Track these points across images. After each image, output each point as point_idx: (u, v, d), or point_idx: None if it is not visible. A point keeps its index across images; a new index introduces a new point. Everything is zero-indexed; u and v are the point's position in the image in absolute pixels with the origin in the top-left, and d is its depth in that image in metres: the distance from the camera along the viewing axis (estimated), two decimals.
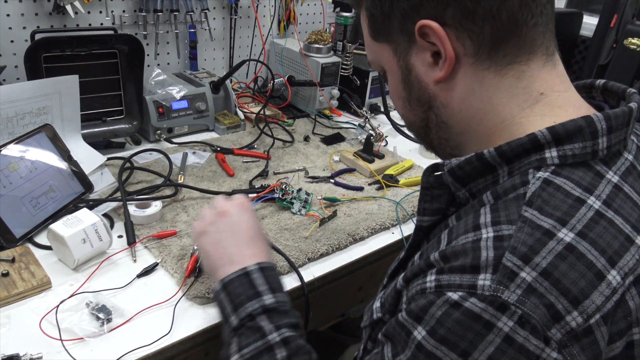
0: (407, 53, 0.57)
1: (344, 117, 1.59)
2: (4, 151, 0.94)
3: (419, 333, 0.48)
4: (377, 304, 0.59)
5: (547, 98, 0.55)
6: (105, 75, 1.22)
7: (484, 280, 0.46)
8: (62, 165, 1.02)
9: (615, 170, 0.53)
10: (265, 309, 0.66)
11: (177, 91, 1.33)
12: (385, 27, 0.58)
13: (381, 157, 1.31)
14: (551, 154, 0.52)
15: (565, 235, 0.47)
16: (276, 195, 1.06)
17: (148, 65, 1.47)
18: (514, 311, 0.45)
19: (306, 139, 1.41)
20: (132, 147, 1.27)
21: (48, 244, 0.89)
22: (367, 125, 1.36)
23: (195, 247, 0.80)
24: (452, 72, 0.55)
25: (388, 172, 1.26)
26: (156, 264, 0.88)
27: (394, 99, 0.63)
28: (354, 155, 1.29)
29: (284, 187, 1.07)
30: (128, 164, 1.14)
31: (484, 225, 0.49)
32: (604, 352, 0.47)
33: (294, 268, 0.91)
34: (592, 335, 0.46)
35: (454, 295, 0.46)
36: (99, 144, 1.24)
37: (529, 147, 0.52)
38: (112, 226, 0.97)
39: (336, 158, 1.32)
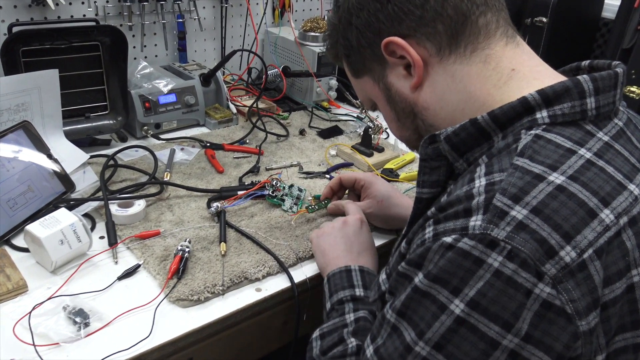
0: (384, 75, 0.67)
1: (343, 110, 1.59)
2: None
3: (417, 278, 0.52)
4: (382, 276, 0.63)
5: (520, 73, 0.60)
6: (88, 69, 1.23)
7: (475, 221, 0.50)
8: (42, 163, 1.03)
9: (605, 132, 0.56)
10: (354, 297, 0.77)
11: (165, 84, 1.33)
12: (361, 59, 0.68)
13: (380, 150, 1.31)
14: (542, 114, 0.55)
15: (556, 178, 0.51)
16: (266, 192, 1.06)
17: (135, 58, 1.48)
18: (503, 247, 0.48)
19: (302, 132, 1.41)
20: (118, 144, 1.28)
21: (26, 246, 0.90)
22: (366, 117, 1.35)
23: (310, 245, 0.92)
24: (425, 75, 0.63)
25: (388, 166, 1.26)
26: (138, 266, 0.88)
27: (389, 125, 0.73)
28: (351, 149, 1.30)
29: (275, 183, 1.07)
30: (112, 162, 1.15)
31: (477, 177, 0.54)
32: (600, 289, 0.49)
33: (283, 268, 0.91)
34: (586, 270, 0.48)
35: (448, 239, 0.50)
36: (83, 141, 1.25)
37: (520, 110, 0.56)
38: (93, 227, 0.98)
39: (333, 152, 1.33)
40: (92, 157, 1.18)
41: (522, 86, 0.59)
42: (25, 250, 0.90)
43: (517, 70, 0.60)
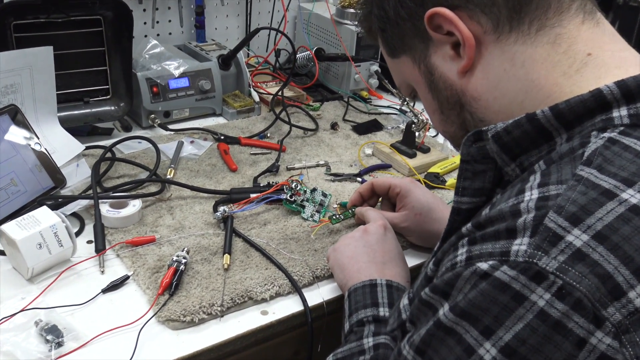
0: (426, 55, 0.64)
1: (386, 101, 1.56)
2: None
3: (442, 310, 0.50)
4: (404, 301, 0.62)
5: (598, 58, 0.56)
6: (88, 47, 1.23)
7: (520, 245, 0.47)
8: (28, 154, 1.03)
9: None
10: (377, 318, 0.75)
11: (176, 66, 1.33)
12: (399, 35, 0.65)
13: (425, 150, 1.27)
14: (620, 112, 0.52)
15: (631, 196, 0.47)
16: (284, 196, 1.04)
17: (145, 36, 1.48)
18: (552, 281, 0.45)
19: (333, 126, 1.39)
20: (121, 134, 1.28)
21: (1, 248, 0.90)
22: (410, 110, 1.31)
23: (328, 261, 0.90)
24: (477, 56, 0.60)
25: (433, 169, 1.23)
26: (127, 277, 0.87)
27: (431, 117, 0.70)
28: (390, 148, 1.26)
29: (294, 186, 1.05)
30: (109, 154, 1.15)
31: (529, 189, 0.51)
32: None
33: (296, 288, 0.89)
34: None
35: (484, 265, 0.48)
36: (81, 130, 1.26)
37: (592, 106, 0.53)
38: (81, 229, 0.98)
39: (368, 151, 1.30)
40: (87, 148, 1.18)
41: (599, 75, 0.56)
42: (1, 253, 0.90)
43: (595, 56, 0.57)
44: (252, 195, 1.05)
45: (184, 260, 0.88)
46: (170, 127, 1.31)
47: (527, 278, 0.45)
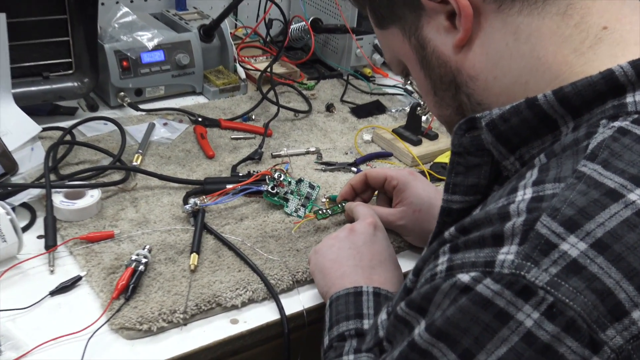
0: (417, 26, 0.63)
1: (392, 80, 1.55)
2: None
3: (418, 328, 0.50)
4: (382, 315, 0.61)
5: (615, 33, 0.55)
6: (47, 15, 1.21)
7: (506, 254, 0.46)
8: None
9: None
10: (360, 332, 0.73)
11: (150, 38, 1.31)
12: (387, 3, 0.64)
13: (433, 137, 1.26)
14: (634, 98, 0.51)
15: None
16: (265, 188, 1.02)
17: (117, 2, 1.46)
18: (542, 298, 0.43)
19: (329, 108, 1.38)
20: (86, 114, 1.28)
21: None
22: (414, 90, 1.29)
23: (309, 266, 0.89)
24: (475, 28, 0.58)
25: (440, 159, 1.22)
26: (79, 278, 0.86)
27: (425, 99, 0.69)
28: (392, 134, 1.25)
29: (277, 176, 1.04)
30: (68, 137, 1.14)
31: (522, 187, 0.50)
32: None
33: (272, 293, 0.87)
34: None
35: (465, 277, 0.47)
36: (41, 109, 1.25)
37: (602, 90, 0.51)
38: (32, 222, 0.97)
39: (367, 137, 1.29)
40: (45, 129, 1.17)
41: (615, 53, 0.54)
42: None
43: (612, 30, 0.55)
44: (229, 186, 1.03)
45: (144, 260, 0.87)
46: (142, 107, 1.30)
47: (513, 293, 0.44)
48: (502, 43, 0.58)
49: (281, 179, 1.04)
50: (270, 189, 1.02)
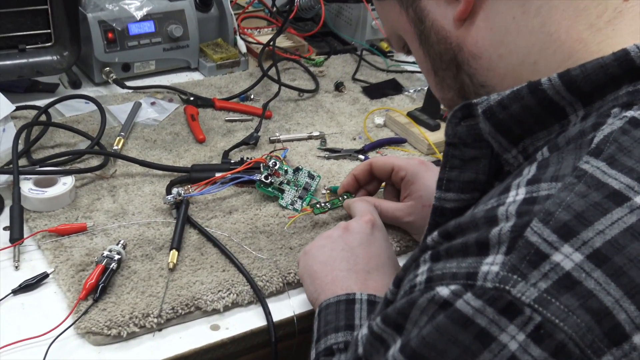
0: None
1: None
2: None
3: (393, 348, 0.50)
4: (363, 330, 0.60)
5: (637, 7, 0.54)
6: None
7: (491, 264, 0.45)
8: None
9: None
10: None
11: (138, 6, 1.32)
12: None
13: None
14: None
15: None
16: (258, 177, 1.02)
17: None
18: (528, 317, 0.43)
19: (338, 87, 1.38)
20: (68, 91, 1.29)
21: None
22: None
23: (299, 268, 0.87)
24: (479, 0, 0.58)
25: None
26: (46, 275, 0.87)
27: (426, 78, 0.70)
28: (407, 117, 1.24)
29: (272, 163, 1.03)
30: (44, 118, 1.15)
31: (515, 186, 0.49)
32: None
33: (258, 297, 0.87)
34: None
35: (444, 291, 0.46)
36: (17, 85, 1.26)
37: (616, 73, 0.51)
38: None
39: (379, 120, 1.28)
40: (19, 108, 1.18)
41: (637, 29, 0.54)
42: None
43: (632, 2, 0.55)
44: (218, 175, 1.03)
45: (117, 257, 0.86)
46: (130, 84, 1.31)
47: (496, 311, 0.43)
48: (509, 16, 0.57)
49: (276, 167, 1.03)
50: (263, 179, 1.01)
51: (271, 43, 1.40)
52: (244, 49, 1.43)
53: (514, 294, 0.43)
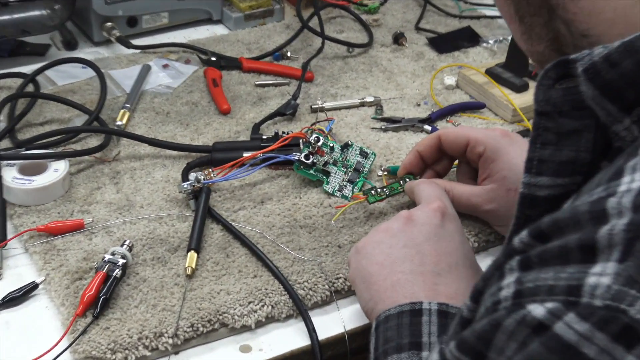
0: None
1: None
2: None
3: None
4: (433, 356, 0.61)
5: None
6: None
7: (600, 275, 0.45)
8: None
9: None
10: None
11: None
12: None
13: None
14: None
15: None
16: (296, 157, 1.02)
17: None
18: None
19: (397, 40, 1.39)
20: (60, 54, 1.31)
21: None
22: None
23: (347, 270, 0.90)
24: None
25: None
26: (35, 286, 0.87)
27: (510, 27, 0.70)
28: (486, 76, 1.23)
29: (315, 139, 1.02)
30: (31, 88, 1.15)
31: (630, 170, 0.49)
32: None
33: (300, 310, 0.87)
34: None
35: (538, 310, 0.46)
36: (1, 47, 1.27)
37: None
38: None
39: (449, 81, 1.29)
40: (1, 77, 1.19)
41: None
42: None
43: None
44: (246, 154, 1.03)
45: (121, 261, 0.87)
46: (136, 42, 1.32)
47: (609, 337, 0.43)
48: None
49: (319, 143, 1.03)
50: (303, 158, 1.02)
51: None
52: None
53: (631, 315, 0.43)
